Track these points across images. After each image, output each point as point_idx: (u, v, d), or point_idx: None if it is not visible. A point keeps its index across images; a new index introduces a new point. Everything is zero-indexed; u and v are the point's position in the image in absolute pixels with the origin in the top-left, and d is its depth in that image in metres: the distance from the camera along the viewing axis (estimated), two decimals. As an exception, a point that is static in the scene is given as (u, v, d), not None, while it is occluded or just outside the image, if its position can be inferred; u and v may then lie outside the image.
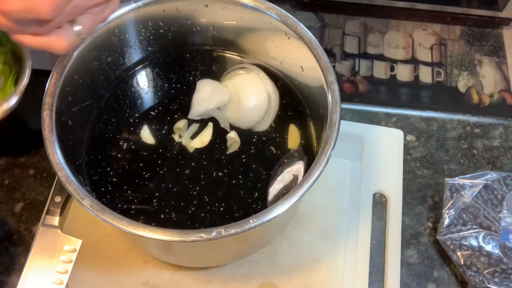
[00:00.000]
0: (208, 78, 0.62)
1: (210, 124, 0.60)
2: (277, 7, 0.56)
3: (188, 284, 0.60)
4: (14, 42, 0.44)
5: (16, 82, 0.63)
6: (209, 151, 0.59)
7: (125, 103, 0.61)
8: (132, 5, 0.56)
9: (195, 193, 0.56)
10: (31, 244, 0.60)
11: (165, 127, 0.60)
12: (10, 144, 0.70)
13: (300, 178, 0.57)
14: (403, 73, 0.82)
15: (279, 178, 0.57)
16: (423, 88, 0.80)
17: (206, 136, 0.59)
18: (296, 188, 0.47)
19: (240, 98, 0.60)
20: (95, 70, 0.58)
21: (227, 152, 0.58)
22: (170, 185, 0.56)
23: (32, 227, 0.65)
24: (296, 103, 0.62)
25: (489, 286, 0.58)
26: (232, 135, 0.59)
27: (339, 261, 0.62)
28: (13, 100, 0.61)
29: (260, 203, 0.56)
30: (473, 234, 0.61)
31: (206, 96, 0.60)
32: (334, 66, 0.81)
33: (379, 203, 0.67)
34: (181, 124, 0.59)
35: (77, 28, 0.44)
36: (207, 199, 0.56)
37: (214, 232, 0.44)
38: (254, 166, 0.58)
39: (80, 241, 0.58)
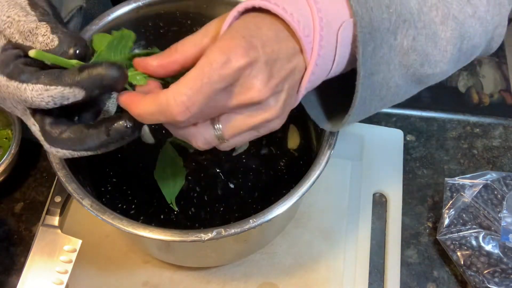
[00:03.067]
0: None
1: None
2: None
3: (188, 284, 0.60)
4: None
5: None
6: (209, 151, 0.58)
7: (125, 103, 0.61)
8: (132, 5, 0.56)
9: (195, 193, 0.56)
10: (31, 244, 0.60)
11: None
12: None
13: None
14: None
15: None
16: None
17: None
18: (296, 188, 0.47)
19: None
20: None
21: (233, 154, 0.58)
22: (170, 185, 0.56)
23: (32, 227, 0.65)
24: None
25: (489, 286, 0.58)
26: None
27: (339, 261, 0.62)
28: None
29: (260, 203, 0.56)
30: (473, 234, 0.61)
31: None
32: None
33: (379, 203, 0.67)
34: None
35: (217, 126, 0.40)
36: (207, 199, 0.56)
37: (214, 232, 0.44)
38: (254, 166, 0.58)
39: (80, 241, 0.58)
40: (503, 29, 0.49)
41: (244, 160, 0.58)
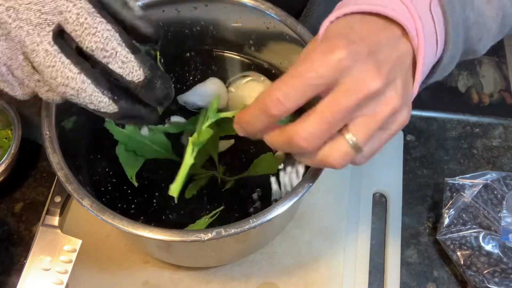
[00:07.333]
0: (220, 80, 0.61)
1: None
2: (277, 7, 0.56)
3: (188, 284, 0.60)
4: None
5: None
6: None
7: (125, 103, 0.61)
8: (132, 5, 0.56)
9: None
10: (31, 244, 0.60)
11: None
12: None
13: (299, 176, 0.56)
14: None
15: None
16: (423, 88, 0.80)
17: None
18: (296, 188, 0.47)
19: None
20: (95, 70, 0.58)
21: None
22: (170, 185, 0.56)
23: (32, 227, 0.65)
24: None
25: (489, 286, 0.58)
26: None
27: (339, 261, 0.61)
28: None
29: (260, 203, 0.56)
30: (473, 234, 0.61)
31: (205, 93, 0.60)
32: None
33: (379, 203, 0.67)
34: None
35: (348, 136, 0.38)
36: (207, 199, 0.56)
37: (214, 232, 0.44)
38: (254, 166, 0.58)
39: (80, 241, 0.58)
40: None
41: (244, 160, 0.58)
